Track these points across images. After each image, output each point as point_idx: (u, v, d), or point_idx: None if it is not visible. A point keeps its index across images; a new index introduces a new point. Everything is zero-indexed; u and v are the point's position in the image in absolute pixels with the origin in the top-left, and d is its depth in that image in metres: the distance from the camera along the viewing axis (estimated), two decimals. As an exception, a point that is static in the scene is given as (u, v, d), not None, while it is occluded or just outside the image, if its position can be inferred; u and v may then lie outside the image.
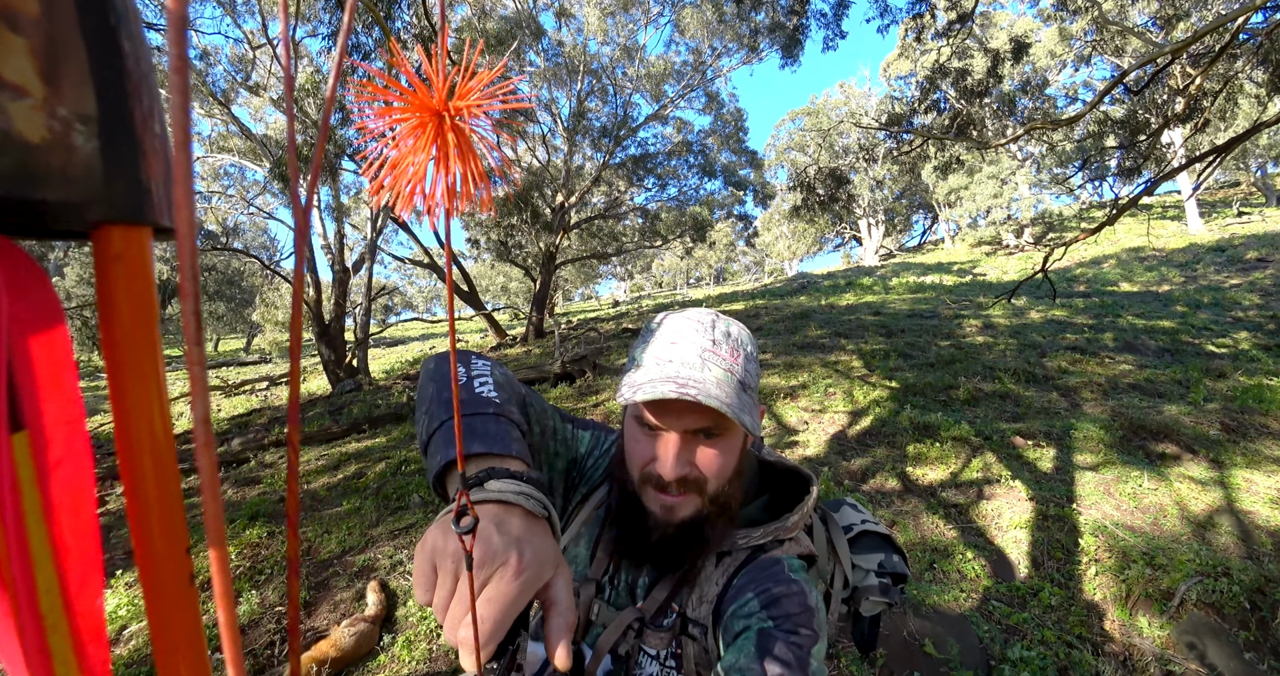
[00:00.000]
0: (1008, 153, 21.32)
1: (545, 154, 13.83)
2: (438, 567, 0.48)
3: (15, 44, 0.14)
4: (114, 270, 0.16)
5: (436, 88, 0.29)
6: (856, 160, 23.28)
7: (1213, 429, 4.18)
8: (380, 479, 4.64)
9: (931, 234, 37.98)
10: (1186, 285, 11.75)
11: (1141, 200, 5.02)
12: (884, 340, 8.00)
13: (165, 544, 0.16)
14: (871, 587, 0.94)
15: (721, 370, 0.69)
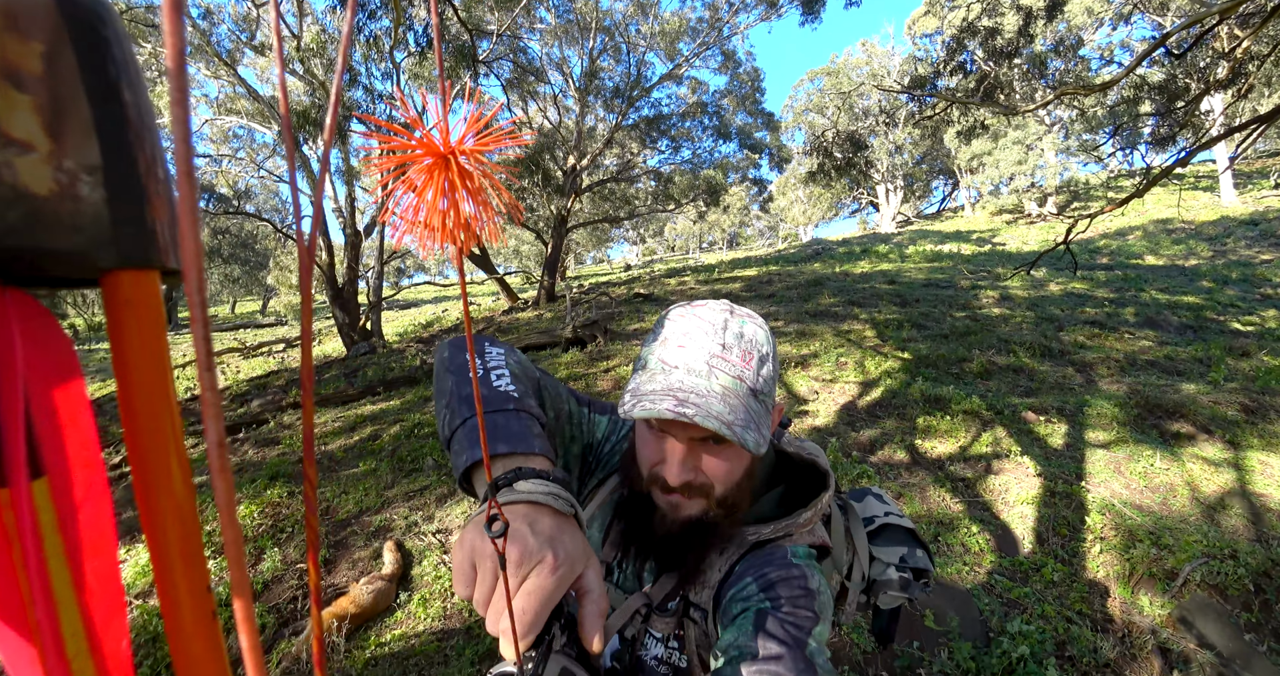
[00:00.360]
0: (1035, 118, 20.51)
1: (556, 115, 13.53)
2: (477, 566, 0.51)
3: (20, 101, 0.15)
4: (125, 314, 0.16)
5: (441, 131, 0.31)
6: (876, 124, 22.54)
7: (1231, 409, 4.13)
8: (395, 441, 4.74)
9: (951, 201, 37.05)
10: (1215, 260, 11.43)
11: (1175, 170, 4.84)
12: (898, 310, 7.91)
13: (186, 582, 0.16)
14: (890, 581, 0.94)
15: (730, 378, 0.67)
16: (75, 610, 0.16)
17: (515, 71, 11.71)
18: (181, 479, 0.16)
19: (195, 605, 0.16)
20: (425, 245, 0.34)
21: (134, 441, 0.16)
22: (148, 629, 2.56)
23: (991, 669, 2.16)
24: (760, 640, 0.63)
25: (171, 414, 0.17)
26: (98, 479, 0.17)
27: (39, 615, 0.16)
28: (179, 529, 0.16)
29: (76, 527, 0.17)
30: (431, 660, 2.40)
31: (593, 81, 12.60)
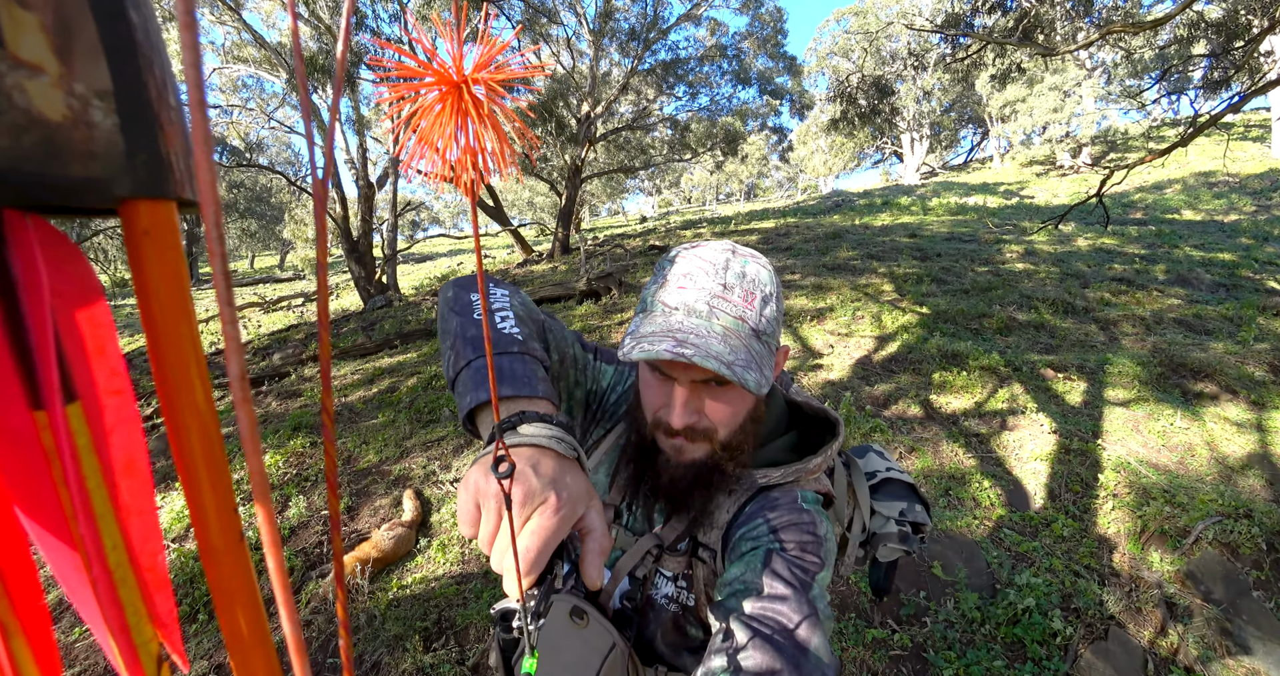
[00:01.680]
0: (1075, 61, 19.30)
1: (570, 59, 13.03)
2: (481, 506, 0.51)
3: (26, 20, 0.14)
4: (145, 245, 0.16)
5: (454, 59, 0.30)
6: (905, 68, 21.41)
7: (1259, 370, 4.03)
8: (413, 393, 4.82)
9: (979, 151, 35.59)
10: (1257, 215, 10.93)
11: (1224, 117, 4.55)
12: (918, 264, 7.73)
13: (215, 505, 0.17)
14: (890, 535, 0.96)
15: (731, 318, 0.67)
16: (114, 524, 0.17)
17: (527, 12, 11.21)
18: (205, 401, 0.17)
19: (223, 523, 0.17)
20: (437, 178, 0.33)
21: (159, 364, 0.16)
22: (185, 571, 2.70)
23: (996, 619, 2.20)
24: (766, 578, 0.65)
25: (193, 337, 0.17)
26: (127, 404, 0.18)
27: (81, 529, 0.17)
28: (204, 443, 0.17)
29: (109, 450, 0.17)
30: (450, 601, 2.51)
31: (608, 23, 12.05)
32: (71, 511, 0.17)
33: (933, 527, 2.70)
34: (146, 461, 0.18)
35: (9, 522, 0.16)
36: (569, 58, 12.99)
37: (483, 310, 0.37)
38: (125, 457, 0.18)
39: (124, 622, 0.17)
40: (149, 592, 0.18)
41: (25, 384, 0.16)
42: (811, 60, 26.85)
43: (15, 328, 0.16)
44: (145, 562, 0.18)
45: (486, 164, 0.33)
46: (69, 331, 0.17)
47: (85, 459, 0.17)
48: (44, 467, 0.16)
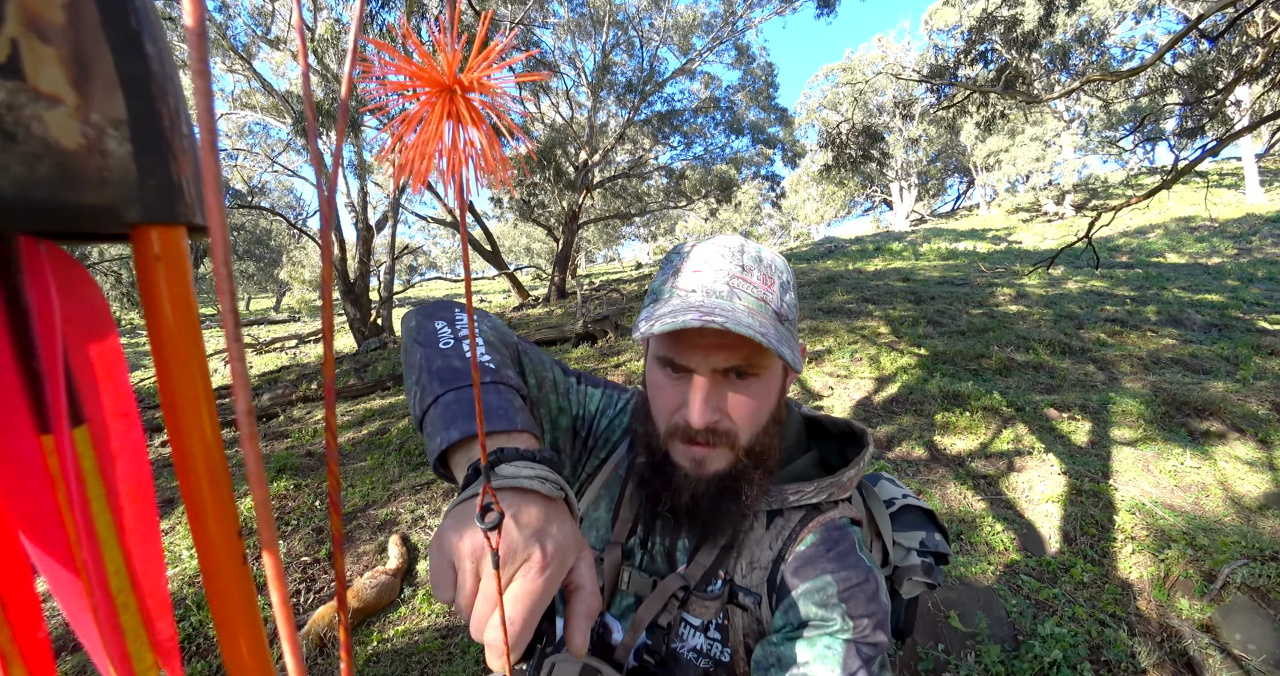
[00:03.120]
0: (1054, 112, 20.14)
1: (569, 110, 13.47)
2: (456, 567, 0.46)
3: (46, 54, 0.15)
4: (155, 270, 0.16)
5: (446, 61, 0.29)
6: (892, 119, 22.26)
7: (1263, 408, 3.98)
8: (403, 435, 4.70)
9: (966, 199, 36.61)
10: (1239, 258, 11.16)
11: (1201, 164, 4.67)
12: (913, 307, 7.78)
13: (218, 530, 0.17)
14: (914, 567, 0.87)
15: (753, 299, 0.62)
16: (117, 549, 0.17)
17: (528, 64, 11.67)
18: (210, 427, 0.17)
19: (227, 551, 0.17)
20: (422, 185, 0.31)
21: (166, 388, 0.16)
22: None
23: (1022, 673, 2.06)
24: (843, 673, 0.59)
25: (201, 362, 0.17)
26: (134, 429, 0.18)
27: (84, 554, 0.17)
28: (209, 473, 0.17)
29: (115, 474, 0.17)
30: (435, 657, 2.34)
31: (605, 76, 12.54)
32: (75, 536, 0.17)
33: (946, 573, 2.57)
34: (151, 486, 0.18)
35: (12, 548, 0.16)
36: (568, 108, 13.45)
37: (471, 337, 0.32)
38: (130, 482, 0.18)
39: (124, 650, 0.17)
40: (150, 619, 0.18)
41: (33, 407, 0.16)
42: (802, 113, 27.91)
43: (26, 351, 0.16)
44: (147, 588, 0.18)
45: (479, 169, 0.31)
46: (78, 355, 0.17)
47: (90, 483, 0.17)
48: (49, 491, 0.16)
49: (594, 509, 0.80)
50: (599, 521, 0.78)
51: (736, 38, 13.12)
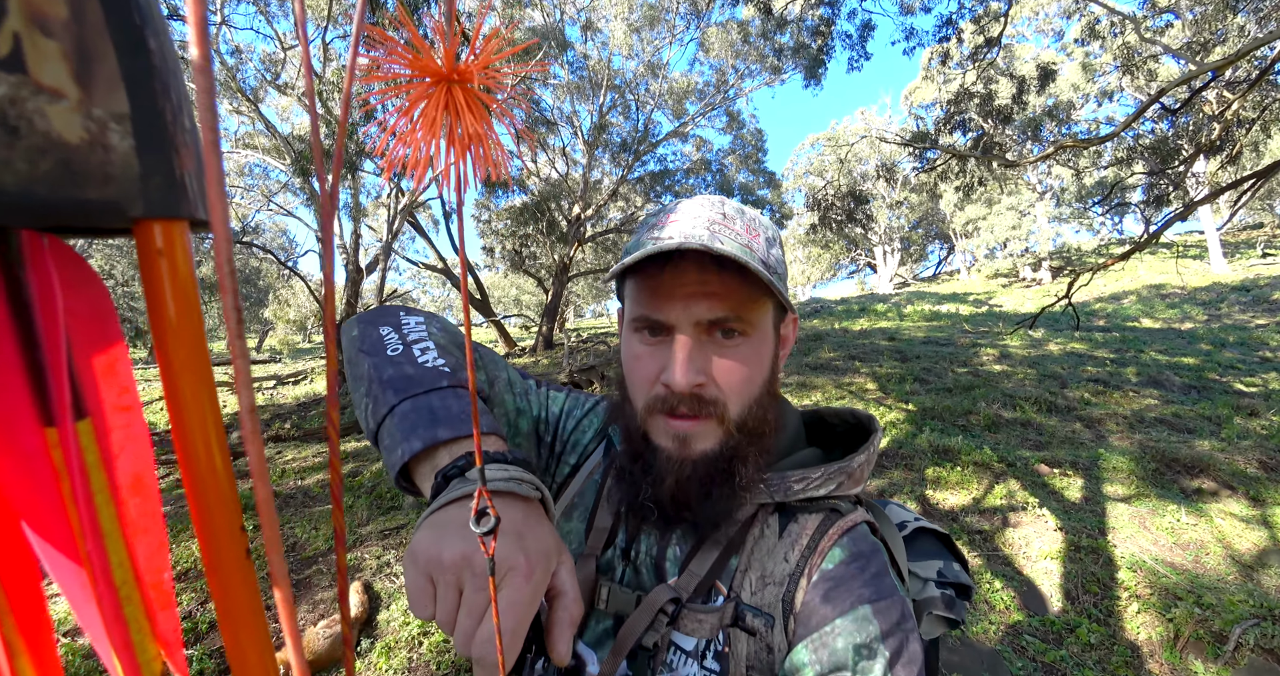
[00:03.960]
0: (1028, 184, 21.19)
1: (564, 166, 13.90)
2: (435, 580, 0.43)
3: (49, 48, 0.15)
4: (158, 264, 0.16)
5: (444, 52, 0.28)
6: (875, 184, 23.29)
7: (1250, 466, 3.96)
8: (375, 478, 4.51)
9: (947, 264, 37.81)
10: (1210, 323, 11.49)
11: (1166, 234, 4.87)
12: (899, 364, 7.83)
13: (222, 523, 0.17)
14: (933, 600, 0.73)
15: (736, 244, 0.55)
16: (121, 542, 0.17)
17: (527, 121, 12.15)
18: (214, 424, 0.17)
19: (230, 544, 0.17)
20: (419, 180, 0.30)
21: (170, 384, 0.16)
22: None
23: (1031, 741, 1.90)
24: None
25: (203, 354, 0.17)
26: (136, 422, 0.18)
27: (88, 546, 0.17)
28: (212, 468, 0.16)
29: (119, 467, 0.17)
30: (394, 715, 2.13)
31: (601, 135, 13.02)
32: (79, 528, 0.17)
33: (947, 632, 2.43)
34: (154, 479, 0.18)
35: (16, 541, 0.16)
36: (563, 164, 13.87)
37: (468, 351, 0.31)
38: (133, 475, 0.18)
39: (128, 640, 0.17)
40: (153, 611, 0.18)
41: (37, 401, 0.16)
42: (789, 178, 29.11)
43: (30, 345, 0.16)
44: (150, 580, 0.18)
45: (477, 162, 0.30)
46: (81, 349, 0.17)
47: (94, 476, 0.17)
48: (53, 484, 0.17)
49: (566, 520, 0.71)
50: (572, 533, 0.69)
51: (728, 105, 13.80)
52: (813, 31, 9.52)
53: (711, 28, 12.06)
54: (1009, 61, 13.22)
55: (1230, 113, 4.67)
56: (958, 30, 7.84)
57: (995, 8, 7.48)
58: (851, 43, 8.72)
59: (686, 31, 12.31)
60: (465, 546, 0.43)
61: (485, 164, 0.30)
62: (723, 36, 11.96)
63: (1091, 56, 16.74)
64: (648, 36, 12.30)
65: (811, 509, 0.63)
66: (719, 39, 12.06)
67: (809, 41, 9.86)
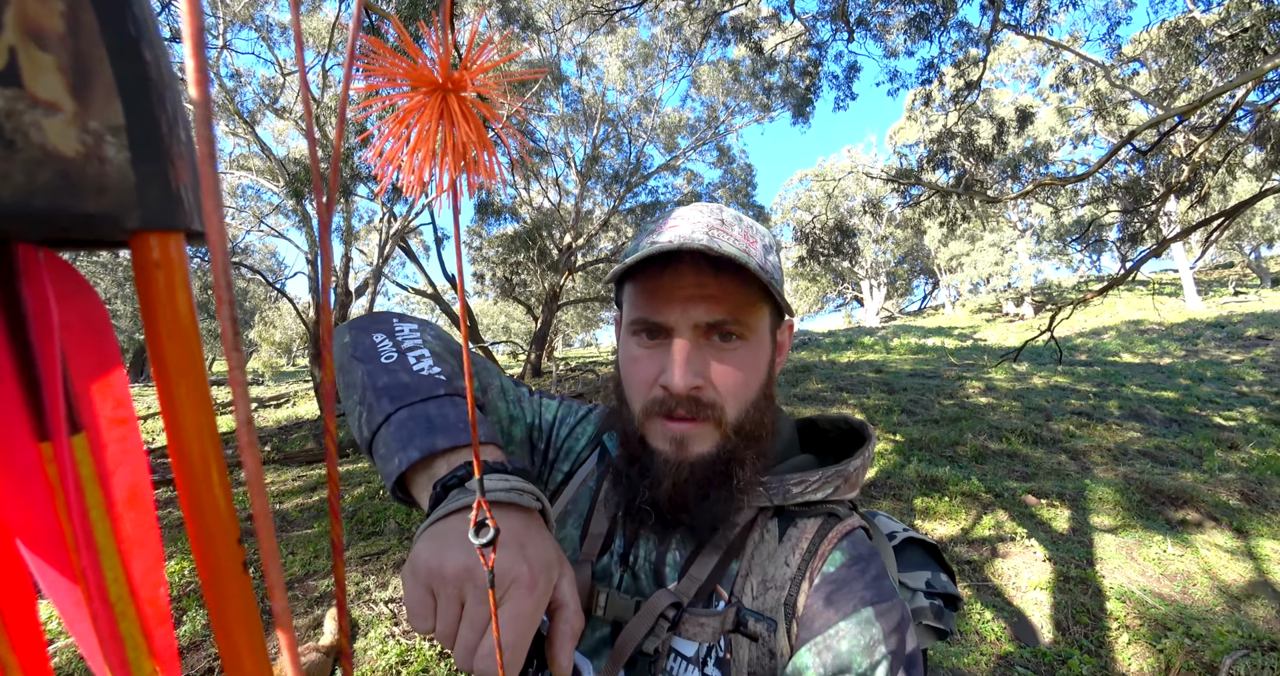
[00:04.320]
0: (1009, 222, 21.80)
1: (557, 195, 14.10)
2: (436, 592, 0.42)
3: (44, 62, 0.14)
4: (154, 276, 0.16)
5: (439, 60, 0.28)
6: (861, 218, 23.85)
7: (1233, 498, 4.00)
8: (357, 502, 4.40)
9: (932, 299, 38.42)
10: (1188, 359, 11.72)
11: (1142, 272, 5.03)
12: (886, 396, 7.88)
13: (219, 536, 0.16)
14: (923, 610, 0.73)
15: (734, 249, 0.56)
16: (116, 558, 0.17)
17: (521, 151, 12.35)
18: (209, 432, 0.16)
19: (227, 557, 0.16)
20: (416, 186, 0.30)
21: (166, 396, 0.16)
22: None
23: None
24: None
25: (199, 366, 0.16)
26: (132, 435, 0.18)
27: (83, 562, 0.16)
28: (208, 479, 0.16)
29: (115, 481, 0.17)
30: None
31: (594, 166, 13.27)
32: (74, 544, 0.16)
33: (938, 662, 2.38)
34: (150, 493, 0.18)
35: (11, 557, 0.16)
36: (556, 195, 14.07)
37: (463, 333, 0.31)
38: (129, 489, 0.17)
39: (123, 657, 0.17)
40: (149, 627, 0.17)
41: (32, 415, 0.16)
42: (778, 213, 29.70)
43: (24, 359, 0.16)
44: (146, 596, 0.17)
45: (470, 171, 0.30)
46: (76, 363, 0.17)
47: (89, 490, 0.17)
48: (48, 499, 0.16)
49: (560, 527, 0.70)
50: (567, 540, 0.69)
51: (719, 140, 14.16)
52: (800, 72, 9.87)
53: (703, 66, 12.47)
54: (989, 105, 13.78)
55: (1198, 155, 4.88)
56: (939, 74, 8.17)
57: (974, 53, 7.83)
58: (838, 83, 9.03)
59: (679, 69, 12.71)
60: (467, 558, 0.42)
61: (479, 171, 0.30)
62: (714, 75, 12.36)
63: (1066, 102, 17.52)
64: (641, 73, 12.69)
65: (810, 513, 0.63)
66: (710, 77, 12.46)
67: (797, 81, 10.21)
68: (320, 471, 5.45)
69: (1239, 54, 4.99)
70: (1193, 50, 6.01)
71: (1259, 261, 25.04)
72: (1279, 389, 8.23)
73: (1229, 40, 5.00)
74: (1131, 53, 8.72)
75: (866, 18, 7.42)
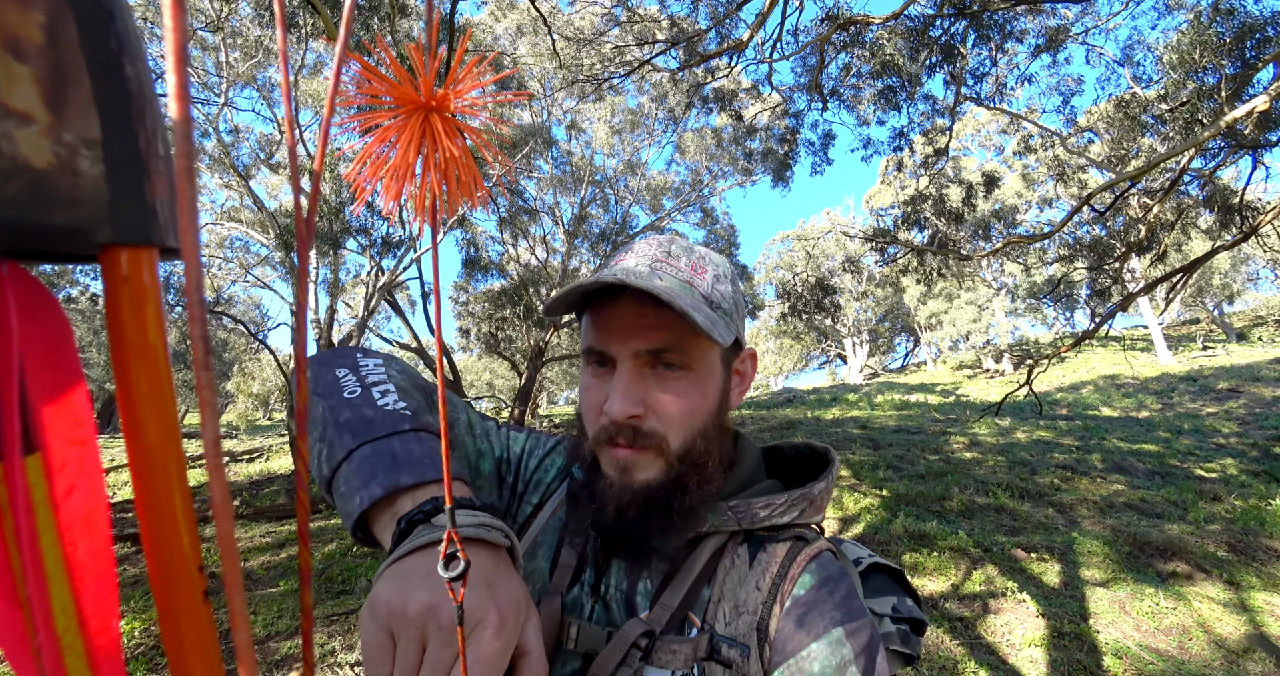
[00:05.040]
0: (984, 281, 22.52)
1: (544, 253, 14.38)
2: (396, 634, 0.40)
3: (20, 73, 0.14)
4: (122, 291, 0.16)
5: (423, 79, 0.27)
6: (841, 279, 24.51)
7: (1220, 549, 3.97)
8: (328, 560, 4.21)
9: (914, 357, 38.96)
10: (1165, 412, 11.89)
11: (1114, 328, 5.21)
12: (871, 452, 7.85)
13: (178, 561, 0.16)
14: (890, 635, 0.73)
15: (676, 280, 0.57)
16: (66, 586, 0.16)
17: (510, 210, 12.68)
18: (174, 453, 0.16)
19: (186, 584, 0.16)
20: (392, 206, 0.30)
21: (129, 416, 0.16)
22: None
23: None
24: None
25: (166, 390, 0.16)
26: (90, 456, 0.17)
27: (30, 591, 0.15)
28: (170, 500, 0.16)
29: (69, 505, 0.16)
30: None
31: (581, 226, 13.63)
32: (20, 571, 0.15)
33: None
34: (106, 518, 0.17)
35: None
36: (543, 252, 14.36)
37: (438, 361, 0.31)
38: (84, 512, 0.16)
39: None
40: (97, 661, 0.16)
41: None
42: (760, 272, 30.44)
43: None
44: (96, 627, 0.16)
45: (453, 192, 0.30)
46: (35, 379, 0.16)
47: (41, 514, 0.16)
48: None
49: (529, 559, 0.69)
50: (537, 572, 0.67)
51: (702, 202, 14.69)
52: (779, 139, 10.43)
53: (688, 133, 13.11)
54: (957, 170, 14.57)
55: (1153, 216, 5.17)
56: (910, 142, 8.67)
57: (941, 123, 8.36)
58: (814, 149, 9.55)
59: (664, 135, 13.35)
60: (432, 597, 0.41)
61: (461, 191, 0.30)
62: (698, 141, 12.99)
63: (1029, 168, 18.60)
64: (628, 138, 13.29)
65: (778, 538, 0.63)
66: (694, 143, 13.09)
67: (776, 147, 10.77)
68: (289, 527, 5.23)
69: (1181, 126, 5.39)
70: (1140, 121, 6.51)
71: (1223, 317, 25.97)
72: (1255, 440, 8.34)
73: (1168, 113, 5.43)
74: (1085, 123, 9.42)
75: (839, 89, 7.94)
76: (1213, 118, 4.80)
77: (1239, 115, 3.75)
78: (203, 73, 7.76)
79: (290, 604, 3.46)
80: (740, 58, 7.59)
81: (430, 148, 0.29)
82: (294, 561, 4.26)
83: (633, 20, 8.22)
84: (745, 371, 0.68)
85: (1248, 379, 13.85)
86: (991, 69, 7.10)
